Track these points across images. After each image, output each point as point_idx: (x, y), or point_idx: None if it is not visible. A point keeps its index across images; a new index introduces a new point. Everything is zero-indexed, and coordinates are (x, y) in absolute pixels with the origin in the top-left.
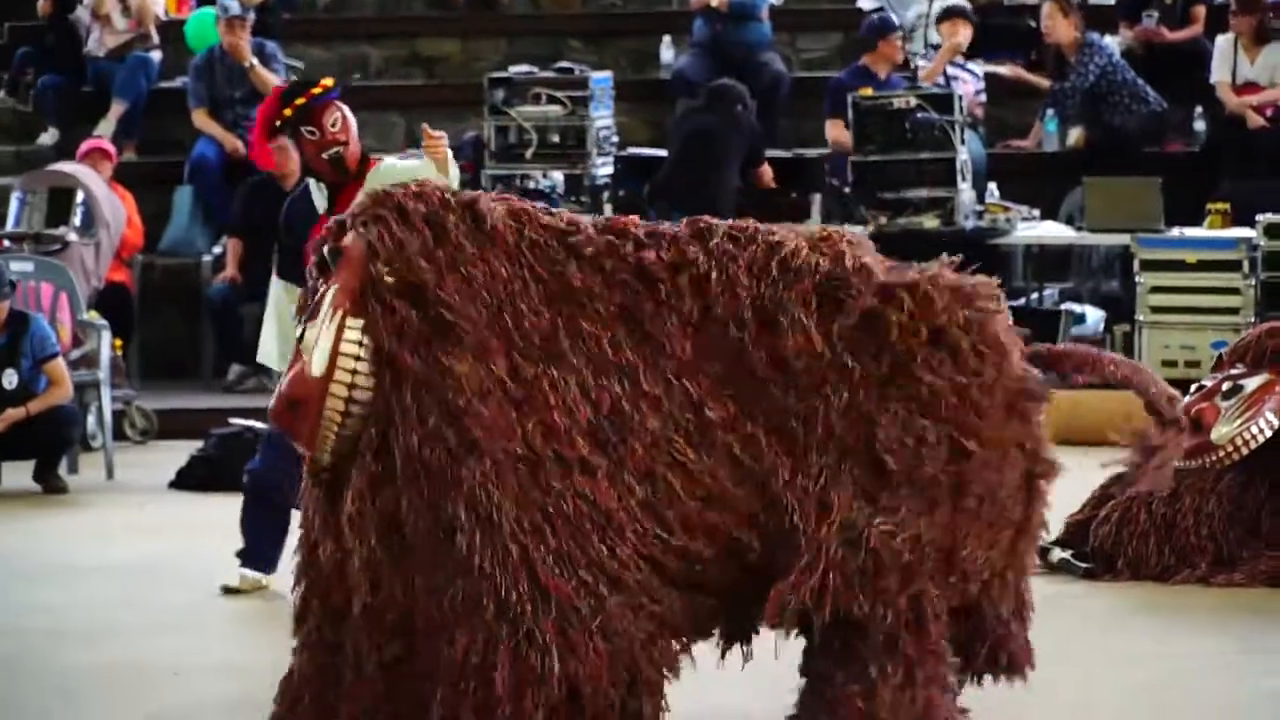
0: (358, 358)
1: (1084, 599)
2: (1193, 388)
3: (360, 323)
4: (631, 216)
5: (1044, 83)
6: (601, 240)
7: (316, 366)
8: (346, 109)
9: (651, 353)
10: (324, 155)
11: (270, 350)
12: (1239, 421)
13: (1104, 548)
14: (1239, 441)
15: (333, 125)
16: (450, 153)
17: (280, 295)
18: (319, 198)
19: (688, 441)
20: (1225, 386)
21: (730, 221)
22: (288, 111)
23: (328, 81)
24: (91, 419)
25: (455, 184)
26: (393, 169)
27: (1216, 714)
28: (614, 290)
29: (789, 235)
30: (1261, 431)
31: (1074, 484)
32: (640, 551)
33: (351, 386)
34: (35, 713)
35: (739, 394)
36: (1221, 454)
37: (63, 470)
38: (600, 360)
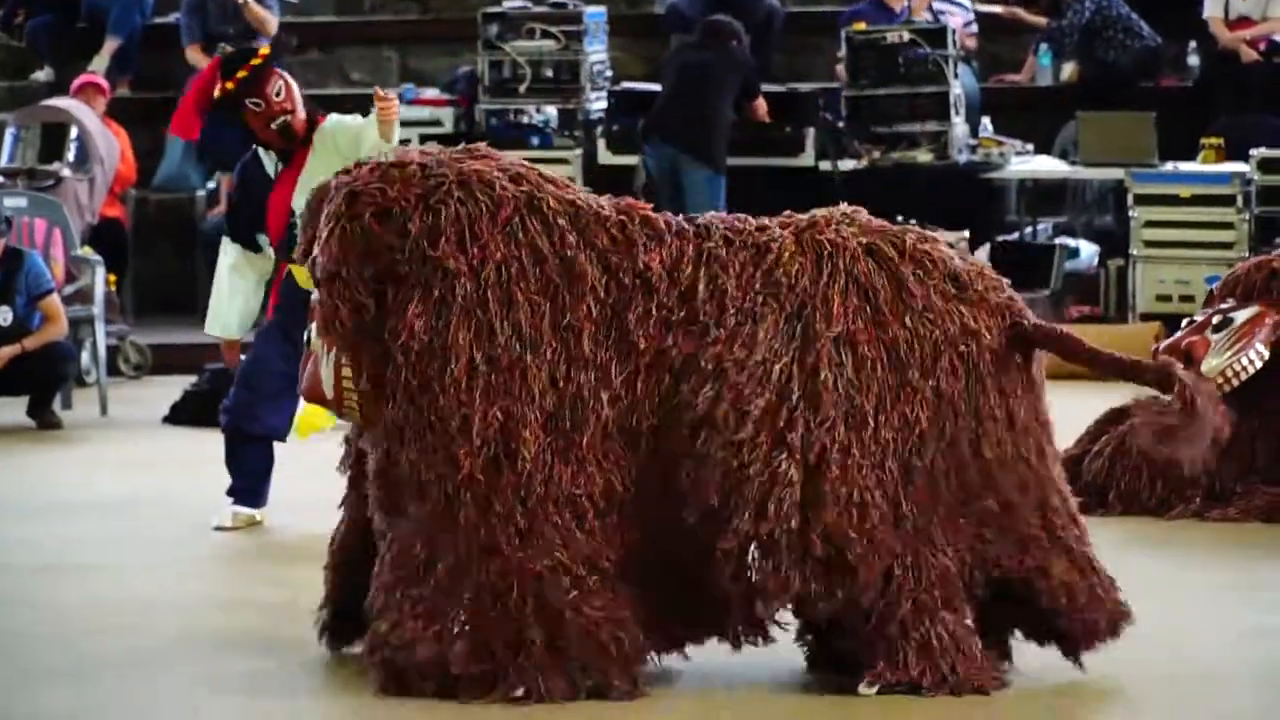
0: (359, 389)
1: None
2: (1184, 323)
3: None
4: (645, 206)
5: (1040, 21)
6: (614, 230)
7: (328, 387)
8: (288, 75)
9: (625, 350)
10: (272, 125)
11: (230, 321)
12: (1229, 354)
13: (1096, 482)
14: (1229, 373)
15: (277, 94)
16: (398, 117)
17: (239, 262)
18: (269, 163)
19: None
20: (1215, 320)
21: (728, 219)
22: (230, 85)
23: (265, 50)
24: (86, 354)
25: (394, 144)
26: (340, 126)
27: (1205, 650)
28: (611, 289)
29: (778, 235)
30: (1251, 363)
31: (1067, 420)
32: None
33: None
34: (28, 647)
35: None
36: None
37: (57, 406)
38: (575, 352)
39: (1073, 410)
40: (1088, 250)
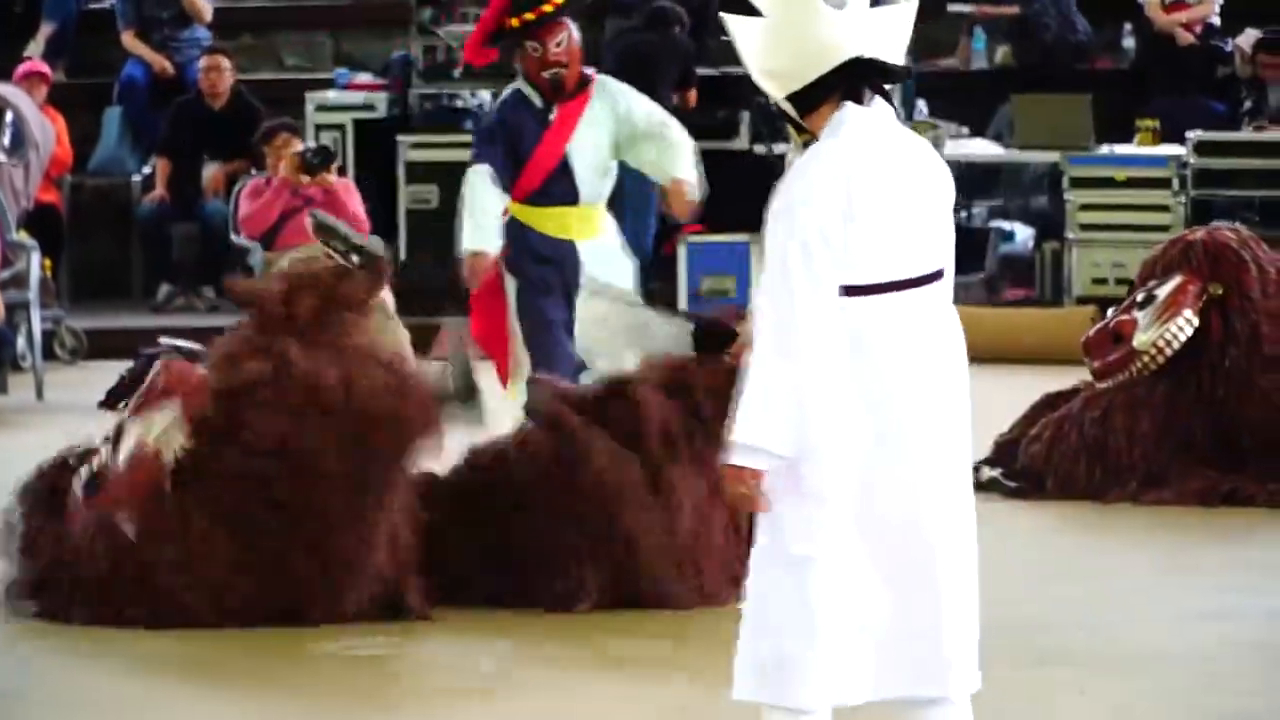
0: None
1: (1010, 516)
2: (1109, 310)
3: None
4: None
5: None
6: None
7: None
8: (575, 29)
9: None
10: (544, 74)
11: (490, 235)
12: (1158, 326)
13: (1034, 467)
14: (1161, 344)
15: (557, 45)
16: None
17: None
18: (541, 105)
19: None
20: (1139, 298)
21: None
22: (514, 22)
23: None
24: (21, 339)
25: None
26: (632, 100)
27: (1136, 632)
28: None
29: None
30: (1181, 330)
31: (1002, 404)
32: None
33: None
34: None
35: None
36: (1146, 359)
37: None
38: None
39: (1007, 393)
40: (1023, 233)
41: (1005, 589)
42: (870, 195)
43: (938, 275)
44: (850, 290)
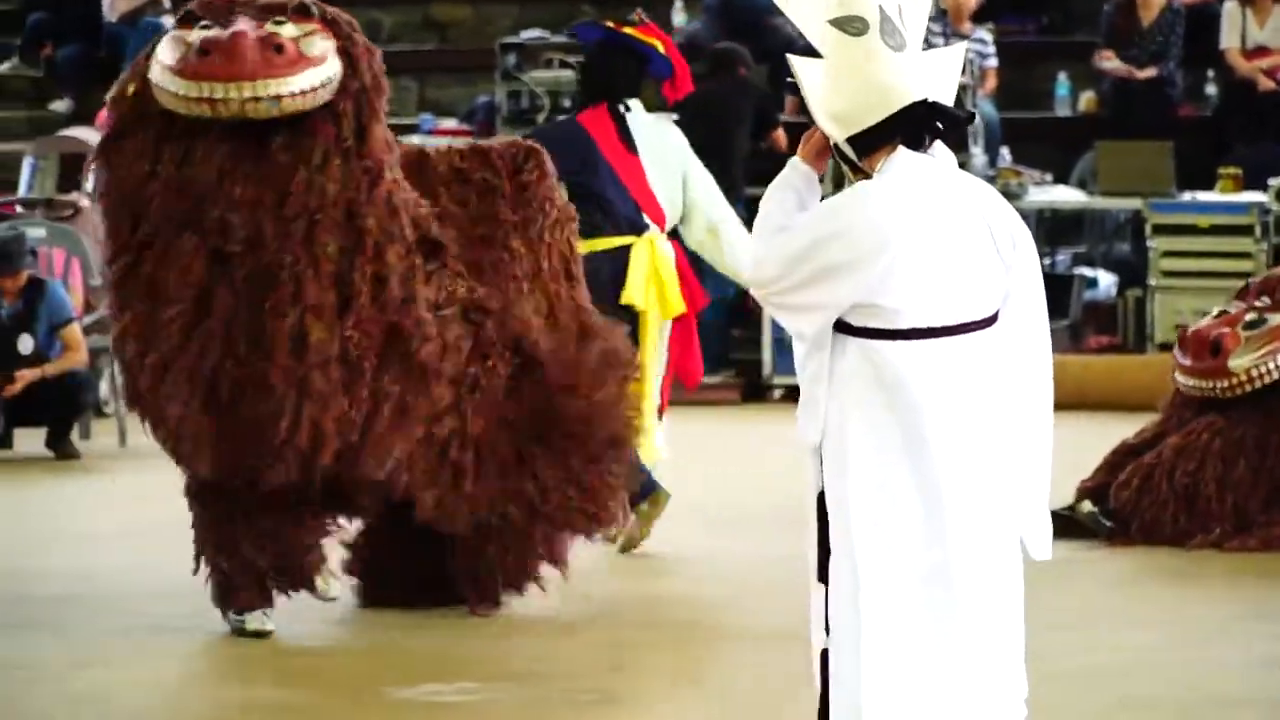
0: None
1: (1096, 563)
2: (1215, 310)
3: None
4: None
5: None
6: None
7: None
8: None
9: None
10: None
11: None
12: (1258, 353)
13: (1121, 513)
14: (1254, 373)
15: None
16: None
17: None
18: None
19: None
20: (1249, 317)
21: None
22: None
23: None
24: (104, 384)
25: None
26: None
27: (1216, 679)
28: None
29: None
30: (1279, 367)
31: (1083, 449)
32: None
33: None
34: (42, 676)
35: None
36: (1234, 381)
37: (75, 437)
38: None
39: (1091, 440)
40: (1106, 280)
41: (1085, 636)
42: (904, 238)
43: (984, 323)
44: (885, 334)
